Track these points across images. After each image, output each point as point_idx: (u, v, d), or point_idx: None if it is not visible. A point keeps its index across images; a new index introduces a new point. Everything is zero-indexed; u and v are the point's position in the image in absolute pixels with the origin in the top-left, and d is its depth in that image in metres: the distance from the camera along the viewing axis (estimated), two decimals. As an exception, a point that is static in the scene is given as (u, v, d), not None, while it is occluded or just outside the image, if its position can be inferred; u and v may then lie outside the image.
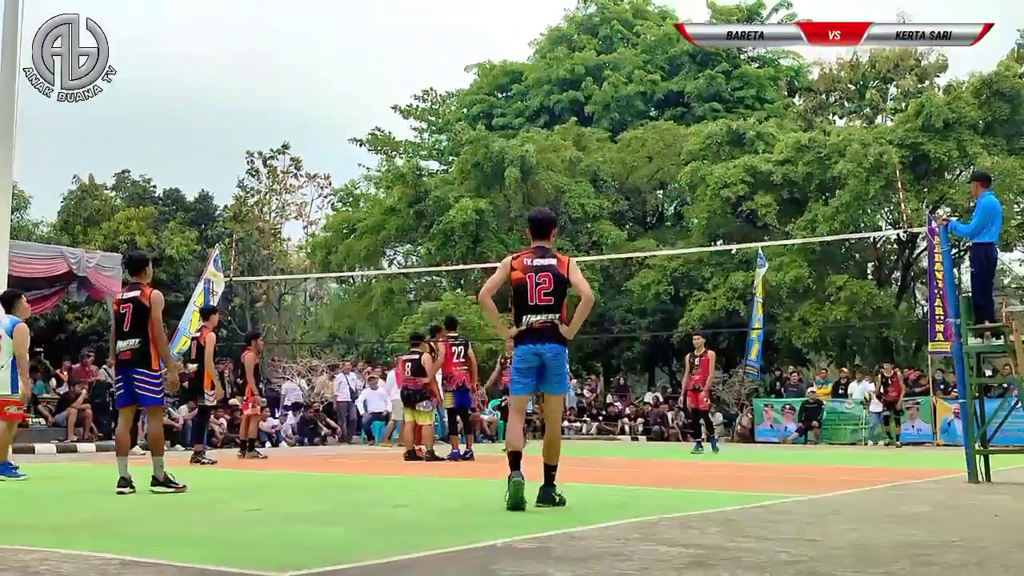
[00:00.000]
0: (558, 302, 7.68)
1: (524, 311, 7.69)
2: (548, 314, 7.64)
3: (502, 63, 44.26)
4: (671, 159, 33.60)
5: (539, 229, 7.96)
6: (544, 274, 7.65)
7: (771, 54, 41.87)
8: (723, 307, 28.49)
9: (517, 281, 7.71)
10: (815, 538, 5.93)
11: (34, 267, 19.83)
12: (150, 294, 9.10)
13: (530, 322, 7.65)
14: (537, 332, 7.63)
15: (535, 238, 7.94)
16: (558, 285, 7.66)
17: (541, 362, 7.66)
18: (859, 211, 28.31)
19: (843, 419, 24.36)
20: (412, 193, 33.66)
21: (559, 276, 7.66)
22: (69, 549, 5.24)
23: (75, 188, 34.48)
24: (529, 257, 7.77)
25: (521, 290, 7.70)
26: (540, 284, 7.64)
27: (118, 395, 9.26)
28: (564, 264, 7.74)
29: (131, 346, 9.02)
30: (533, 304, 7.64)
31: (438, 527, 6.61)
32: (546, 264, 7.69)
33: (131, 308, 9.09)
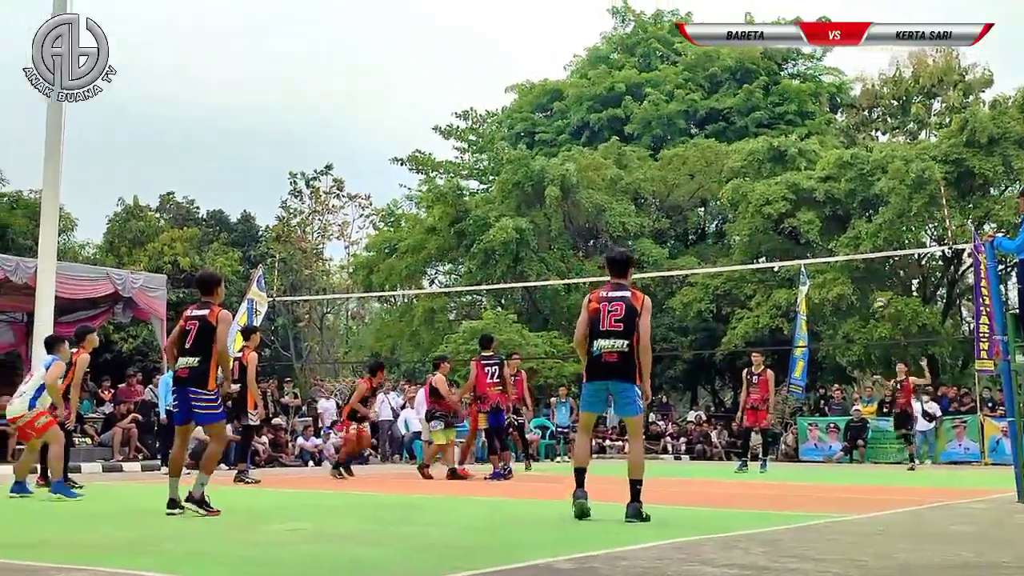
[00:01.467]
0: (628, 330, 8.02)
1: (595, 336, 8.09)
2: (617, 339, 8.01)
3: (542, 82, 44.37)
4: (712, 176, 33.48)
5: (615, 268, 8.47)
6: (617, 303, 8.09)
7: (812, 70, 41.68)
8: (766, 325, 28.29)
9: (592, 312, 8.17)
10: (861, 559, 5.86)
11: (80, 288, 20.07)
12: (218, 313, 9.02)
13: (601, 348, 8.02)
14: (605, 368, 8.03)
15: (612, 276, 8.43)
16: (629, 314, 8.05)
17: (609, 393, 8.15)
18: (903, 228, 28.04)
19: (889, 438, 24.05)
20: (453, 212, 33.76)
21: (631, 306, 8.07)
22: (110, 567, 5.28)
23: (120, 210, 34.94)
24: (605, 290, 8.26)
25: (594, 318, 8.13)
26: (612, 311, 8.06)
27: (176, 414, 9.18)
28: (639, 299, 8.17)
29: (190, 364, 8.92)
30: (604, 330, 8.04)
31: (479, 547, 6.59)
32: (620, 296, 8.15)
33: (196, 326, 8.98)
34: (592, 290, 8.47)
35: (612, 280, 8.38)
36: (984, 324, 18.46)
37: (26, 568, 5.42)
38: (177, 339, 9.08)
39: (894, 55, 36.38)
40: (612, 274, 8.46)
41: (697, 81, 39.98)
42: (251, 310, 19.51)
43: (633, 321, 8.05)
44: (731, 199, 30.88)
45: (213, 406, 8.96)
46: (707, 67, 39.94)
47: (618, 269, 8.45)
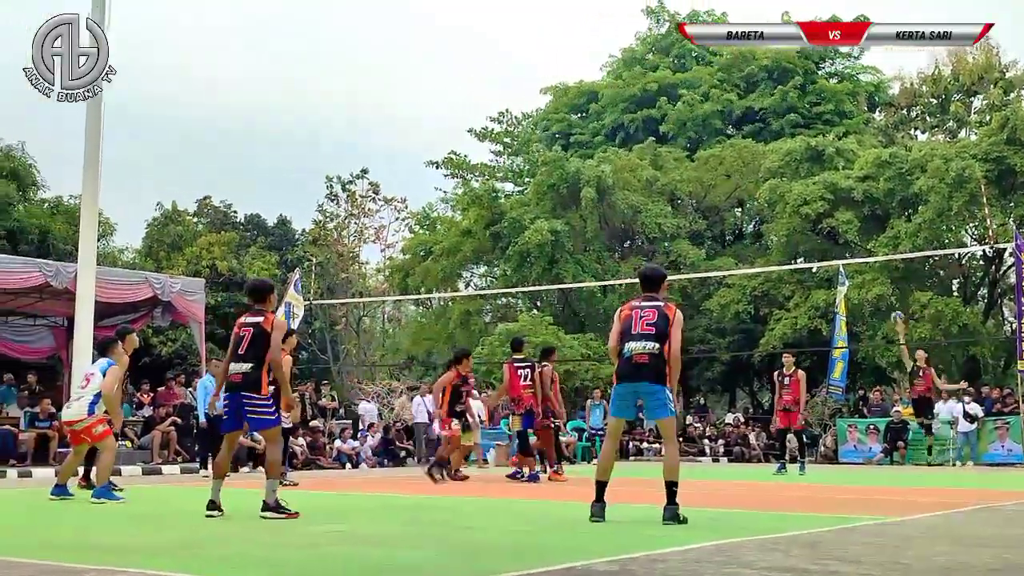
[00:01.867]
0: (660, 334, 8.07)
1: (626, 340, 8.16)
2: (648, 342, 8.05)
3: (577, 83, 44.35)
4: (749, 177, 33.31)
5: (649, 285, 8.52)
6: (649, 310, 8.20)
7: (850, 69, 41.38)
8: (804, 326, 28.10)
9: (624, 320, 8.28)
10: (903, 561, 5.79)
11: (120, 292, 20.25)
12: (272, 320, 9.02)
13: (632, 350, 8.07)
14: (635, 369, 8.06)
15: (644, 290, 8.48)
16: (662, 320, 8.13)
17: (638, 397, 8.17)
18: (943, 227, 27.77)
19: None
20: (488, 215, 33.79)
21: (664, 314, 8.16)
22: (149, 570, 5.30)
23: (159, 215, 35.25)
24: (638, 300, 8.40)
25: (626, 325, 8.22)
26: (644, 316, 8.16)
27: (224, 420, 9.14)
28: (671, 310, 8.28)
29: (243, 370, 8.87)
30: (636, 333, 8.11)
31: (516, 549, 6.58)
32: (652, 304, 8.27)
33: (251, 332, 8.93)
34: (624, 302, 8.60)
35: (644, 294, 8.44)
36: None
37: (67, 570, 5.46)
38: (232, 346, 9.06)
39: (933, 53, 36.04)
40: (645, 289, 8.51)
41: (732, 81, 39.81)
42: (288, 313, 19.60)
43: (665, 327, 8.09)
44: (768, 199, 30.72)
45: (267, 411, 8.96)
46: (743, 67, 39.76)
47: (652, 285, 8.52)
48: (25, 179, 27.58)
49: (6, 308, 21.71)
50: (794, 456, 19.60)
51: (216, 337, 30.09)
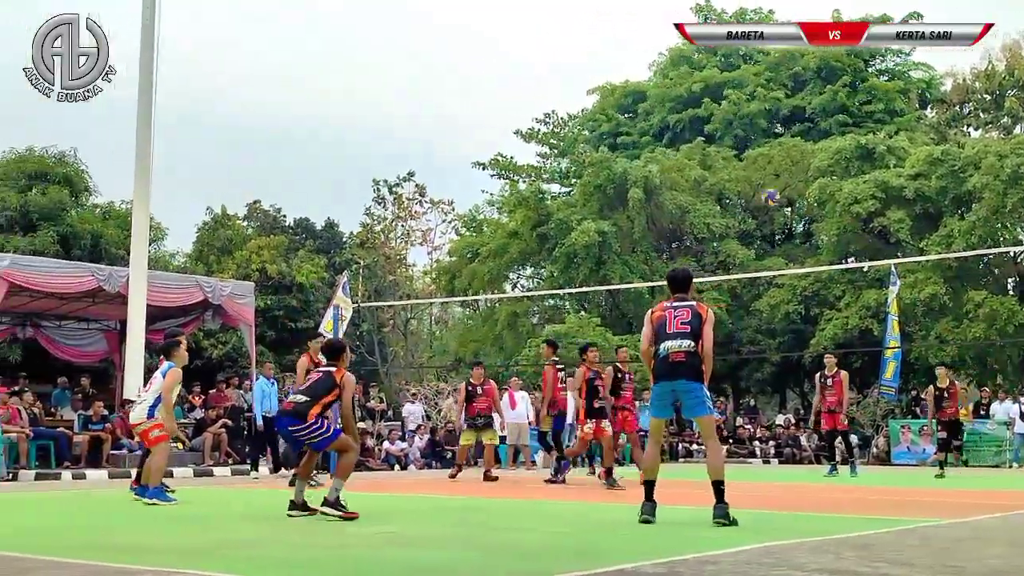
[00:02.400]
0: (695, 332, 8.12)
1: (661, 339, 8.18)
2: (684, 340, 8.09)
3: (624, 83, 44.20)
4: (799, 176, 33.02)
5: (676, 285, 8.60)
6: (683, 310, 8.26)
7: (900, 66, 40.89)
8: (856, 326, 27.80)
9: (656, 320, 8.32)
10: (957, 564, 5.69)
11: (171, 296, 20.45)
12: (343, 376, 9.19)
13: (668, 349, 8.10)
14: (671, 367, 8.08)
15: (674, 292, 8.54)
16: (696, 318, 8.17)
17: (676, 396, 8.19)
18: (997, 225, 27.37)
19: (985, 441, 23.45)
20: (534, 216, 33.77)
21: (697, 312, 8.22)
22: (200, 570, 5.33)
23: (209, 219, 35.57)
24: (669, 302, 8.44)
25: (660, 325, 8.25)
26: (678, 315, 8.21)
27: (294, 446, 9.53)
28: (704, 308, 8.36)
29: (296, 400, 9.16)
30: (671, 332, 8.14)
31: (564, 550, 6.55)
32: (685, 304, 8.34)
33: (320, 377, 9.24)
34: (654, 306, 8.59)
35: (675, 295, 8.49)
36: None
37: (119, 570, 5.50)
38: (300, 376, 9.32)
39: (986, 48, 35.50)
40: (674, 291, 8.56)
41: (780, 80, 39.49)
42: (336, 316, 19.69)
43: (699, 325, 8.15)
44: (818, 198, 30.45)
45: (318, 431, 9.03)
46: (790, 66, 39.44)
47: (681, 287, 8.59)
48: (78, 185, 27.92)
49: (60, 312, 22.02)
50: (844, 458, 19.38)
51: (266, 339, 30.33)
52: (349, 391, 9.20)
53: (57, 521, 9.30)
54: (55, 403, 20.36)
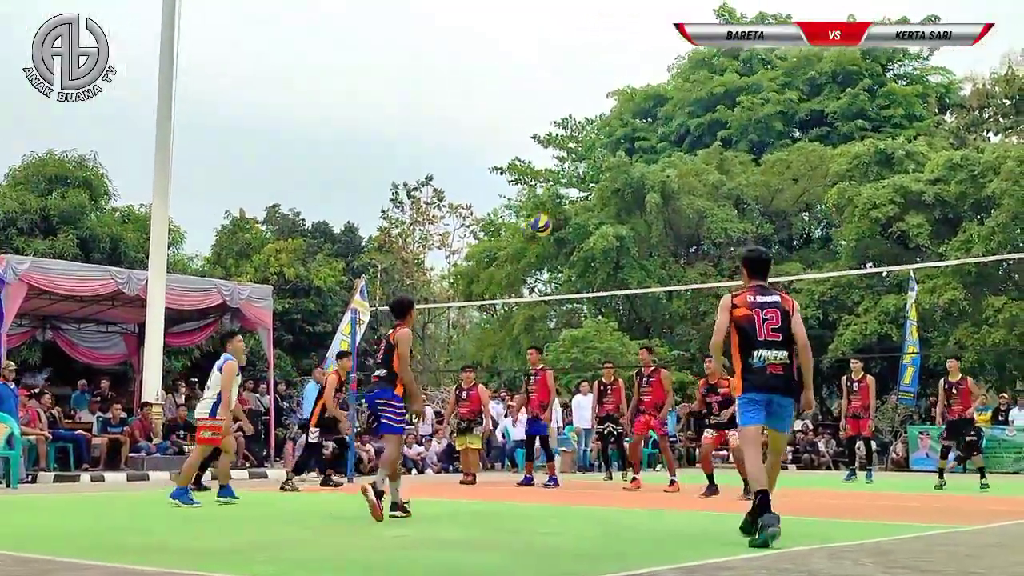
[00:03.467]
0: (787, 339, 7.49)
1: (753, 347, 7.47)
2: (779, 351, 7.46)
3: (644, 87, 44.19)
4: (817, 180, 32.94)
5: (757, 268, 7.84)
6: (771, 310, 7.52)
7: (919, 70, 40.74)
8: (875, 331, 27.67)
9: (741, 318, 7.54)
10: (977, 571, 5.65)
11: (190, 299, 20.54)
12: (397, 333, 9.48)
13: (765, 360, 7.42)
14: (771, 380, 7.43)
15: (752, 277, 7.78)
16: (785, 321, 7.51)
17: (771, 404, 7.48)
18: (1017, 230, 27.23)
19: (1004, 447, 23.30)
20: (552, 220, 33.76)
21: (785, 311, 7.55)
22: (221, 572, 5.34)
23: (227, 222, 35.69)
24: (751, 294, 7.62)
25: (747, 326, 7.52)
26: (768, 319, 7.48)
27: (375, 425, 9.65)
28: (788, 302, 7.68)
29: (380, 374, 9.49)
30: (763, 339, 7.45)
31: (584, 554, 6.54)
32: (771, 300, 7.59)
33: (384, 344, 9.62)
34: (735, 293, 7.76)
35: (753, 282, 7.73)
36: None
37: (138, 572, 5.51)
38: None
39: (1006, 53, 35.35)
40: (752, 275, 7.81)
41: (796, 85, 39.41)
42: (354, 320, 19.68)
43: (789, 329, 7.54)
44: (836, 203, 30.36)
45: (396, 416, 9.31)
46: (807, 71, 39.33)
47: (760, 269, 7.87)
48: (97, 188, 27.99)
49: (79, 315, 22.14)
50: (862, 463, 19.30)
51: (283, 343, 30.37)
52: (404, 344, 9.43)
53: (76, 523, 9.35)
54: (74, 406, 20.48)
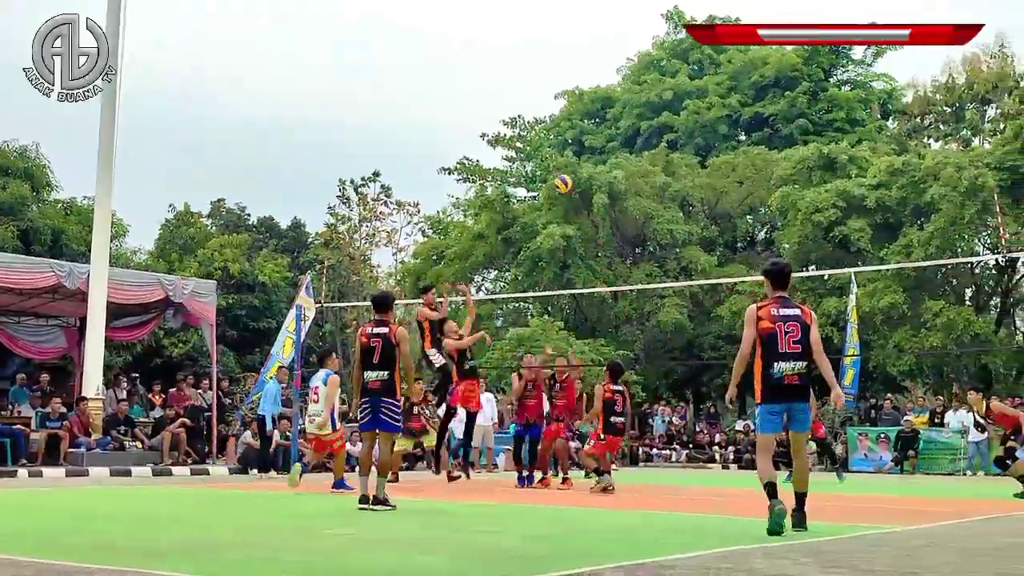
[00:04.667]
0: (805, 350, 8.04)
1: (774, 359, 8.00)
2: (797, 362, 8.01)
3: (592, 89, 44.34)
4: (761, 184, 33.29)
5: (779, 280, 8.38)
6: (792, 323, 8.06)
7: (863, 76, 41.31)
8: (816, 333, 28.00)
9: (765, 331, 8.06)
10: (911, 571, 5.77)
11: (132, 294, 20.30)
12: (396, 331, 9.95)
13: (783, 371, 7.98)
14: (785, 390, 8.02)
15: (775, 288, 8.33)
16: (805, 334, 8.06)
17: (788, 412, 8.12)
18: (955, 236, 27.69)
19: (941, 449, 23.71)
20: (500, 219, 33.82)
21: (805, 325, 8.09)
22: (166, 571, 5.31)
23: (171, 216, 35.32)
24: (775, 307, 8.16)
25: (769, 338, 8.04)
26: (789, 332, 8.03)
27: (362, 421, 10.06)
28: (808, 315, 8.23)
29: (380, 377, 9.85)
30: (783, 351, 7.99)
31: (527, 554, 6.58)
32: (793, 314, 8.13)
33: (380, 343, 9.88)
34: (759, 304, 8.31)
35: (777, 293, 8.31)
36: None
37: (77, 569, 5.46)
38: (363, 355, 10.01)
39: (947, 61, 35.99)
40: (775, 286, 8.37)
41: (741, 89, 39.79)
42: (299, 316, 19.57)
43: (808, 342, 8.07)
44: (780, 207, 30.69)
45: (396, 416, 9.97)
46: (751, 75, 39.73)
47: (782, 281, 8.39)
48: (39, 180, 27.62)
49: (19, 308, 21.76)
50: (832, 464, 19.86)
51: (227, 339, 30.14)
52: (406, 343, 9.96)
53: (13, 520, 9.21)
54: (13, 400, 20.15)
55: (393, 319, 10.28)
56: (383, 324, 10.05)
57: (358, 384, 10.06)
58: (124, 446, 18.89)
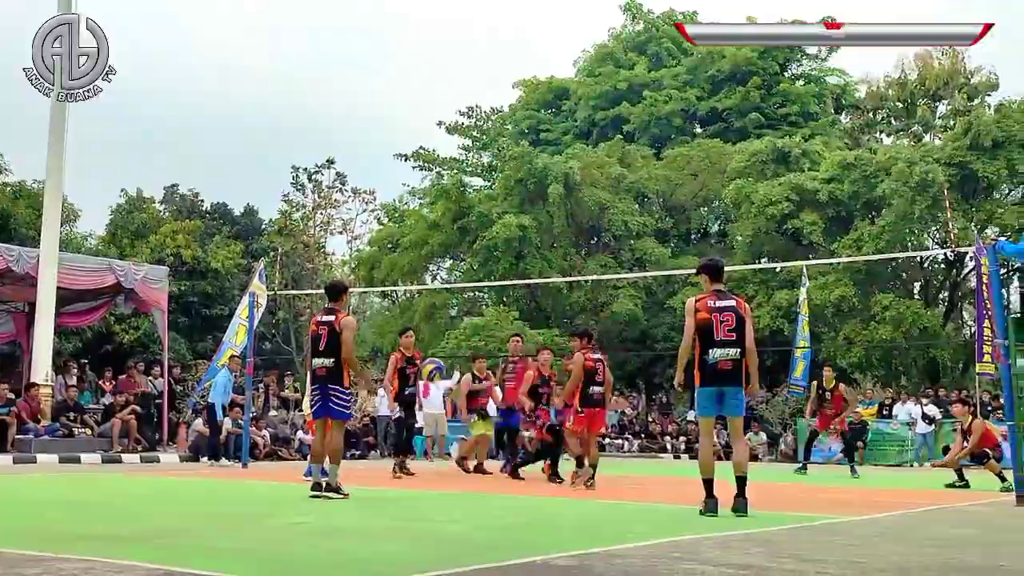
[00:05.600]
0: (740, 338, 8.67)
1: (710, 346, 8.66)
2: (731, 348, 8.64)
3: (548, 79, 44.35)
4: (716, 176, 33.47)
5: (716, 274, 8.97)
6: (728, 314, 8.69)
7: (817, 71, 41.65)
8: (767, 325, 28.25)
9: (703, 321, 8.69)
10: (859, 560, 5.86)
11: (82, 279, 20.08)
12: (341, 320, 10.00)
13: (716, 357, 8.64)
14: (720, 376, 8.64)
15: (712, 282, 8.91)
16: (739, 323, 8.67)
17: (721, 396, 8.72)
18: (905, 230, 28.03)
19: (888, 440, 24.04)
20: (456, 209, 33.77)
21: (740, 315, 8.70)
22: (114, 558, 5.27)
23: (123, 201, 34.92)
24: (712, 299, 8.78)
25: (707, 330, 8.67)
26: (724, 322, 8.66)
27: (315, 408, 10.11)
28: (743, 307, 8.85)
29: (326, 364, 9.96)
30: (719, 339, 8.64)
31: (483, 543, 6.60)
32: (728, 305, 8.74)
33: (327, 331, 9.98)
34: (697, 297, 8.88)
35: (713, 287, 8.87)
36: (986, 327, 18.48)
37: (29, 558, 5.40)
38: (312, 343, 10.15)
39: (900, 56, 36.41)
40: (713, 280, 8.92)
41: (698, 82, 39.98)
42: (252, 303, 19.44)
43: (743, 330, 8.67)
44: (734, 199, 30.89)
45: (344, 403, 10.02)
46: (708, 68, 39.91)
47: (720, 276, 8.96)
48: (-13, 163, 27.26)
49: (-34, 293, 21.47)
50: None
51: (179, 325, 29.87)
52: (350, 332, 9.98)
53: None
54: (-40, 386, 19.84)
55: (344, 307, 10.31)
56: (332, 312, 10.14)
57: (309, 371, 10.17)
58: (73, 433, 18.70)
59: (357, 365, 10.25)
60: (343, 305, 10.37)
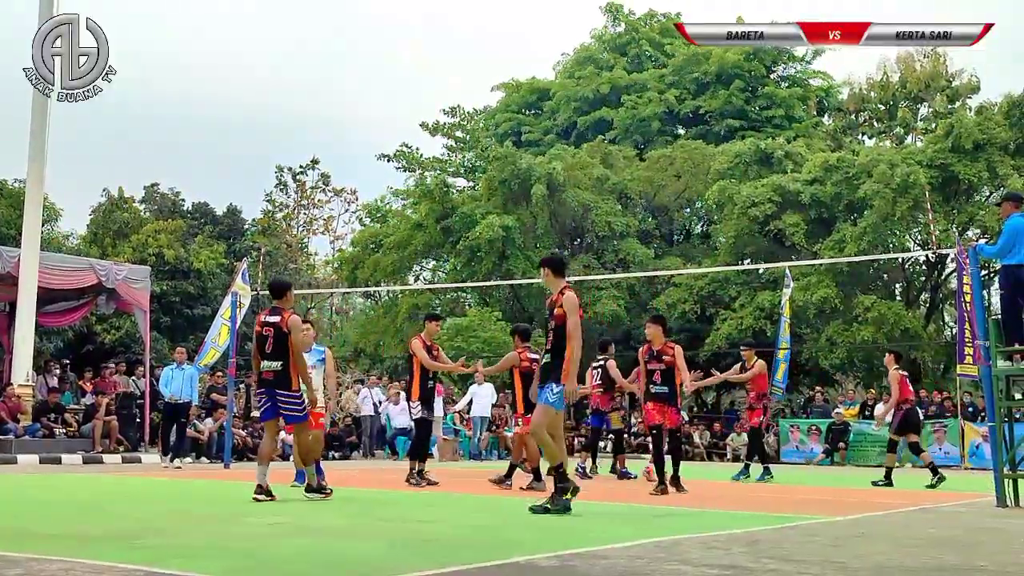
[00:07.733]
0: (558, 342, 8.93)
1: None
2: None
3: (530, 81, 44.38)
4: (699, 178, 33.55)
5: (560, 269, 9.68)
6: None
7: (801, 73, 41.79)
8: (749, 326, 28.35)
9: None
10: (840, 560, 5.88)
11: (64, 279, 19.99)
12: (288, 320, 9.66)
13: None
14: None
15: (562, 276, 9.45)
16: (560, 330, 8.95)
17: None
18: (887, 232, 28.16)
19: (870, 441, 24.14)
20: (439, 209, 33.75)
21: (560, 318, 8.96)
22: (93, 560, 5.24)
23: (105, 201, 34.77)
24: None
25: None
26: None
27: (262, 410, 9.89)
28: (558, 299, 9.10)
29: (273, 368, 9.66)
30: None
31: (464, 543, 6.59)
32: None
33: (272, 332, 9.69)
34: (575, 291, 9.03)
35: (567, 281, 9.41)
36: (967, 329, 18.55)
37: (9, 560, 5.37)
38: (257, 345, 9.79)
39: (882, 59, 36.55)
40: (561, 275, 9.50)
41: (683, 84, 40.05)
42: (235, 303, 19.40)
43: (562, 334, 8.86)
44: (717, 200, 30.95)
45: (297, 406, 9.69)
46: (693, 70, 39.98)
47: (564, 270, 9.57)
48: (-32, 161, 27.10)
49: (-54, 292, 21.33)
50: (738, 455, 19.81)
51: (161, 325, 29.75)
52: (297, 331, 9.65)
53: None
54: (-60, 386, 19.72)
55: (290, 306, 9.92)
56: (277, 312, 9.80)
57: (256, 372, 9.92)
58: (54, 433, 18.61)
59: (307, 372, 9.85)
60: (289, 304, 9.96)
